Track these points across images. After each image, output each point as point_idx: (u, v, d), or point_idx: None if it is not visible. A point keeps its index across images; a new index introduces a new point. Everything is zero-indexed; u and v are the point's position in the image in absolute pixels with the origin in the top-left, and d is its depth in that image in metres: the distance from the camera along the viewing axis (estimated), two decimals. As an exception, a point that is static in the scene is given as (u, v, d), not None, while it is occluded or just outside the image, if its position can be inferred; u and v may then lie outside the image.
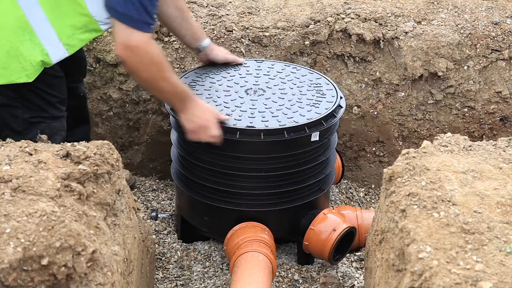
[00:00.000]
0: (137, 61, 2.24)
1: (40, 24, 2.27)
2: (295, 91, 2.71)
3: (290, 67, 2.93)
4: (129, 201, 2.06)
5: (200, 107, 2.44)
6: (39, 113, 2.42)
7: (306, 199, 2.69)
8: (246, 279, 2.33)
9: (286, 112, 2.55)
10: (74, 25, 2.32)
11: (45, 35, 2.28)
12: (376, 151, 3.41)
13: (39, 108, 2.42)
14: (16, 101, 2.38)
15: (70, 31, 2.32)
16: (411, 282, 1.50)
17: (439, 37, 3.13)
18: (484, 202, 1.67)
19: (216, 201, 2.64)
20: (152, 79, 2.32)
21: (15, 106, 2.39)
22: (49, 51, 2.31)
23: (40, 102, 2.41)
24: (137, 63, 2.25)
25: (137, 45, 2.20)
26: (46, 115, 2.44)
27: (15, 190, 1.61)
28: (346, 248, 2.71)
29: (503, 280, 1.41)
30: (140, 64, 2.25)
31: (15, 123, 2.41)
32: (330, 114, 2.56)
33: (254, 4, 3.36)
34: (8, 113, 2.40)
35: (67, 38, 2.32)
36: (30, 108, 2.41)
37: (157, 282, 2.69)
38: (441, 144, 1.99)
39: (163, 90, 2.37)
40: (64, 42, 2.32)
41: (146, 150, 3.35)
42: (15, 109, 2.39)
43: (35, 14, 2.25)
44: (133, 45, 2.20)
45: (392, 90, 3.24)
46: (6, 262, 1.42)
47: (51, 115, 2.46)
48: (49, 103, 2.44)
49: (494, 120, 3.28)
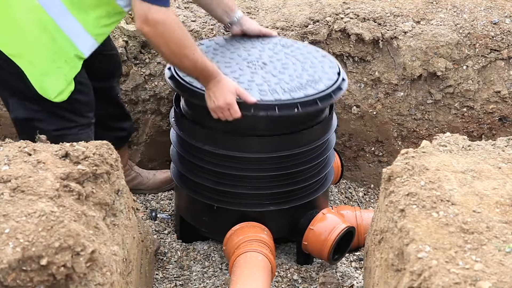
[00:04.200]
0: (157, 35, 2.23)
1: (64, 20, 2.26)
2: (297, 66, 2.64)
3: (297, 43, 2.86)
4: (128, 201, 2.06)
5: (222, 85, 2.38)
6: (65, 124, 2.39)
7: (305, 199, 2.69)
8: (245, 279, 2.33)
9: (283, 86, 2.49)
10: (98, 15, 2.32)
11: (72, 29, 2.28)
12: (375, 151, 3.41)
13: (65, 119, 2.39)
14: (40, 114, 2.35)
15: (95, 21, 2.32)
16: (410, 281, 1.50)
17: (438, 37, 3.13)
18: (483, 201, 1.67)
19: (216, 201, 2.64)
20: (173, 55, 2.31)
21: (39, 119, 2.35)
22: (78, 45, 2.30)
23: (66, 112, 2.38)
24: (158, 38, 2.24)
25: (156, 19, 2.19)
26: (73, 125, 2.41)
27: (14, 190, 1.61)
28: (345, 248, 2.71)
29: (502, 280, 1.41)
30: (160, 38, 2.24)
31: None
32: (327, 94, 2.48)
33: (253, 4, 3.35)
34: (33, 127, 2.30)
35: (94, 28, 2.32)
36: (56, 119, 2.37)
37: (156, 282, 2.69)
38: (440, 144, 1.99)
39: (184, 66, 2.35)
40: (91, 32, 2.32)
41: (145, 150, 3.35)
42: (39, 123, 2.35)
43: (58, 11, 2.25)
44: (151, 19, 2.19)
45: (391, 90, 3.24)
46: (5, 262, 1.42)
47: (78, 124, 2.43)
48: (76, 111, 2.41)
49: (493, 119, 3.28)
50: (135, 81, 3.13)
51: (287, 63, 2.65)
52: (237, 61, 2.64)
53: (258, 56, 2.68)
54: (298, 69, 2.61)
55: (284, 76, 2.55)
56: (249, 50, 2.74)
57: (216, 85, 2.38)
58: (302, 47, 2.81)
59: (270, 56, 2.69)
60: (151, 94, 3.18)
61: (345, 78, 2.62)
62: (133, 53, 3.09)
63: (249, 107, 2.39)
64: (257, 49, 2.75)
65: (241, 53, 2.71)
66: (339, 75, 2.61)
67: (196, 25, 3.14)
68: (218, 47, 2.76)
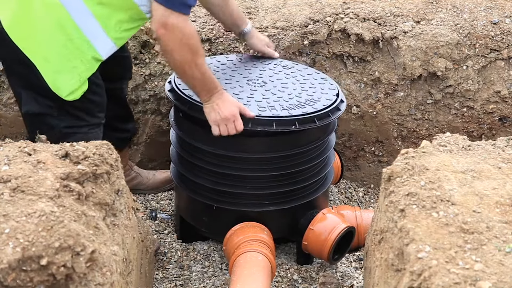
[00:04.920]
0: (173, 40, 2.24)
1: (86, 23, 2.27)
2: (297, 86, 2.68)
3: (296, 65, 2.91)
4: (128, 201, 2.06)
5: (225, 98, 2.41)
6: (76, 122, 2.40)
7: (305, 199, 2.69)
8: (245, 279, 2.33)
9: (282, 104, 2.52)
10: (120, 19, 2.32)
11: (92, 31, 2.28)
12: (375, 151, 3.41)
13: (77, 117, 2.40)
14: (53, 110, 2.36)
15: (117, 25, 2.32)
16: (410, 281, 1.50)
17: (438, 37, 3.13)
18: (483, 201, 1.67)
19: (215, 201, 2.64)
20: (184, 63, 2.31)
21: (52, 115, 2.36)
22: (97, 47, 2.30)
23: (78, 110, 2.39)
24: (173, 43, 2.25)
25: (175, 24, 2.21)
26: (83, 124, 2.42)
27: (14, 190, 1.61)
28: (345, 248, 2.71)
29: (502, 280, 1.41)
30: (176, 44, 2.25)
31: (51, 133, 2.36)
32: (325, 113, 2.53)
33: (253, 4, 3.36)
34: (44, 123, 2.36)
35: (115, 32, 2.33)
36: (67, 117, 2.38)
37: (156, 282, 2.69)
38: (440, 144, 1.99)
39: (192, 76, 2.35)
40: (111, 36, 2.32)
41: (145, 150, 3.35)
42: (52, 119, 2.37)
43: (79, 11, 2.25)
44: (170, 24, 2.21)
45: (391, 90, 3.24)
46: (5, 262, 1.42)
47: (89, 123, 2.43)
48: (87, 111, 2.42)
49: (493, 119, 3.28)
50: (135, 81, 3.13)
51: (287, 83, 2.70)
52: (238, 79, 2.69)
53: (258, 75, 2.74)
54: (297, 89, 2.66)
55: (283, 94, 2.60)
56: (249, 69, 2.80)
57: (220, 97, 2.39)
58: (302, 69, 2.87)
59: (271, 76, 2.75)
60: (151, 94, 3.18)
61: (344, 100, 2.68)
62: (133, 53, 3.09)
63: (247, 121, 2.42)
64: (257, 69, 2.81)
65: (242, 71, 2.77)
66: (338, 96, 2.64)
67: (196, 25, 3.14)
68: (219, 65, 2.83)
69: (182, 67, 2.34)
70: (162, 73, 3.15)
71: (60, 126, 2.37)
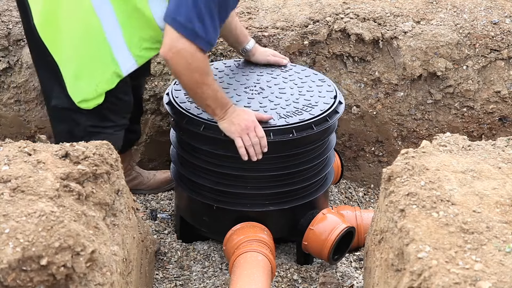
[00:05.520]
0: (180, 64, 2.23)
1: (113, 34, 2.28)
2: (295, 91, 2.70)
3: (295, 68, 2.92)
4: (128, 201, 2.06)
5: (239, 110, 2.42)
6: (101, 122, 2.41)
7: (305, 199, 2.69)
8: (245, 279, 2.33)
9: (279, 111, 2.54)
10: (142, 37, 2.33)
11: (116, 43, 2.29)
12: (375, 151, 3.41)
13: (104, 117, 2.41)
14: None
15: (139, 42, 2.33)
16: (410, 281, 1.50)
17: (438, 37, 3.13)
18: (483, 201, 1.67)
19: (215, 201, 2.64)
20: (194, 84, 2.30)
21: (80, 112, 2.37)
22: (119, 61, 2.31)
23: (107, 111, 2.40)
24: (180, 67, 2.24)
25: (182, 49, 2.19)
26: (109, 125, 2.43)
27: (14, 190, 1.61)
28: (345, 248, 2.71)
29: (502, 280, 1.41)
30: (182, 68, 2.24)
31: (76, 129, 2.38)
32: (322, 118, 2.54)
33: (253, 4, 3.36)
34: (71, 119, 2.37)
35: (136, 49, 2.33)
36: (95, 115, 2.39)
37: (156, 282, 2.69)
38: (440, 144, 1.99)
39: (204, 95, 2.33)
40: (133, 52, 2.33)
41: (145, 150, 3.35)
42: (79, 116, 2.38)
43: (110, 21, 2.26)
44: (178, 48, 2.19)
45: (391, 90, 3.24)
46: (5, 262, 1.42)
47: (115, 124, 2.45)
48: (116, 111, 2.43)
49: (493, 119, 3.28)
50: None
51: (285, 88, 2.70)
52: (235, 87, 2.69)
53: (256, 81, 2.74)
54: (295, 94, 2.66)
55: (281, 101, 2.60)
56: (247, 74, 2.81)
57: (234, 111, 2.40)
58: (300, 71, 2.87)
59: (268, 81, 2.75)
60: (151, 94, 3.18)
61: (342, 101, 2.68)
62: (133, 53, 3.09)
63: None
64: (255, 74, 2.81)
65: (240, 78, 2.77)
66: (336, 98, 2.64)
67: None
68: (217, 72, 2.82)
69: (193, 89, 2.34)
70: (162, 73, 3.15)
71: (87, 124, 2.39)
